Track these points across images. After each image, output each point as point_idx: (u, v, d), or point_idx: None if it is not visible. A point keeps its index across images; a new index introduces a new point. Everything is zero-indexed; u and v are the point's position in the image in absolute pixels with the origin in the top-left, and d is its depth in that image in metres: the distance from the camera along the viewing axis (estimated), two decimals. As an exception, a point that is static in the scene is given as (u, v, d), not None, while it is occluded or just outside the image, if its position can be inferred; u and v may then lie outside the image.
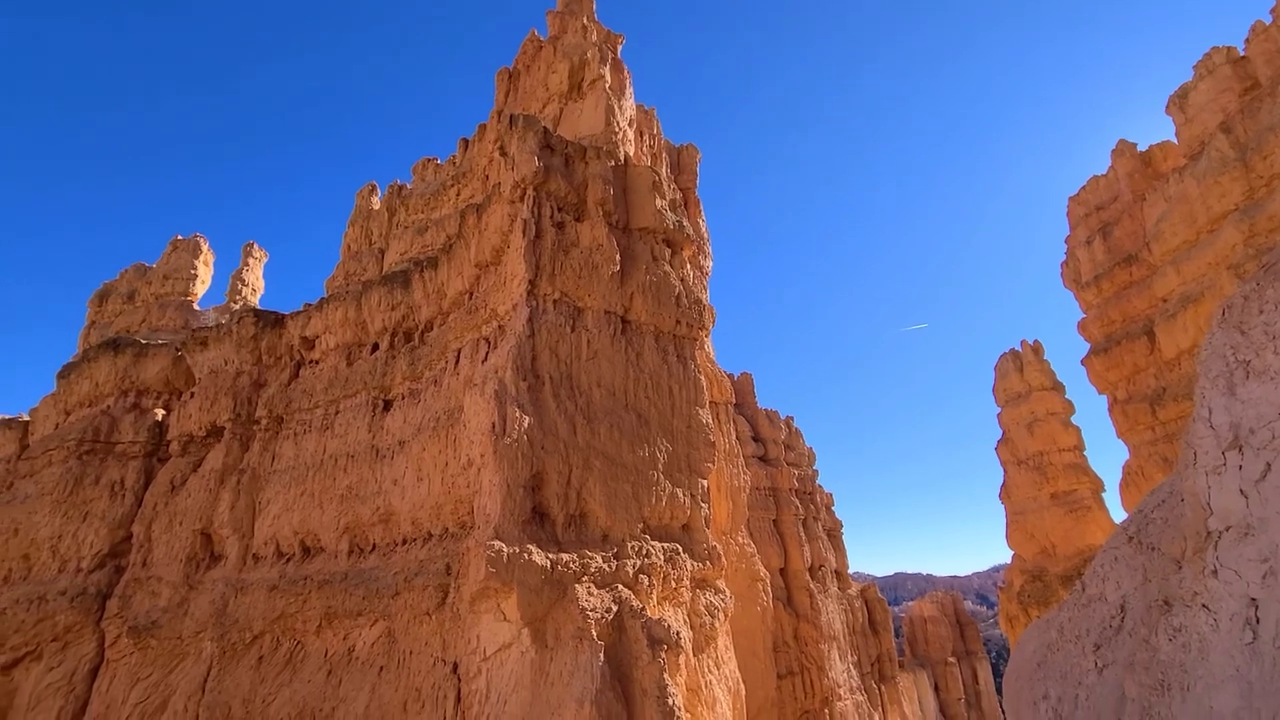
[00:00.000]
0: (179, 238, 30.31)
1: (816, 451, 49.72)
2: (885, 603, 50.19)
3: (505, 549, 10.93)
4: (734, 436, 26.11)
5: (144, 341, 24.68)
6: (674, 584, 13.28)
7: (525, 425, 12.27)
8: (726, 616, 14.84)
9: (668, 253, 16.55)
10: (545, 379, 13.29)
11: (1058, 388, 41.60)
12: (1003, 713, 56.18)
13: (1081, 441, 39.78)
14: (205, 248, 30.39)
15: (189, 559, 19.24)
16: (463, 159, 25.07)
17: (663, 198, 16.67)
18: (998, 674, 65.16)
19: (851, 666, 40.38)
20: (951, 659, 55.43)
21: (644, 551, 12.90)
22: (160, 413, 23.50)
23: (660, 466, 14.26)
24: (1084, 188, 39.36)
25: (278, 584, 17.18)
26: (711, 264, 26.07)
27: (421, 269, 18.97)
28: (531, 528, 11.79)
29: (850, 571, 48.30)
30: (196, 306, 29.36)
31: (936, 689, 53.08)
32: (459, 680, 12.03)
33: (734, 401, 27.69)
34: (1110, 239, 36.22)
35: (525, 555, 10.98)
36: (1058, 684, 5.04)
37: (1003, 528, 41.47)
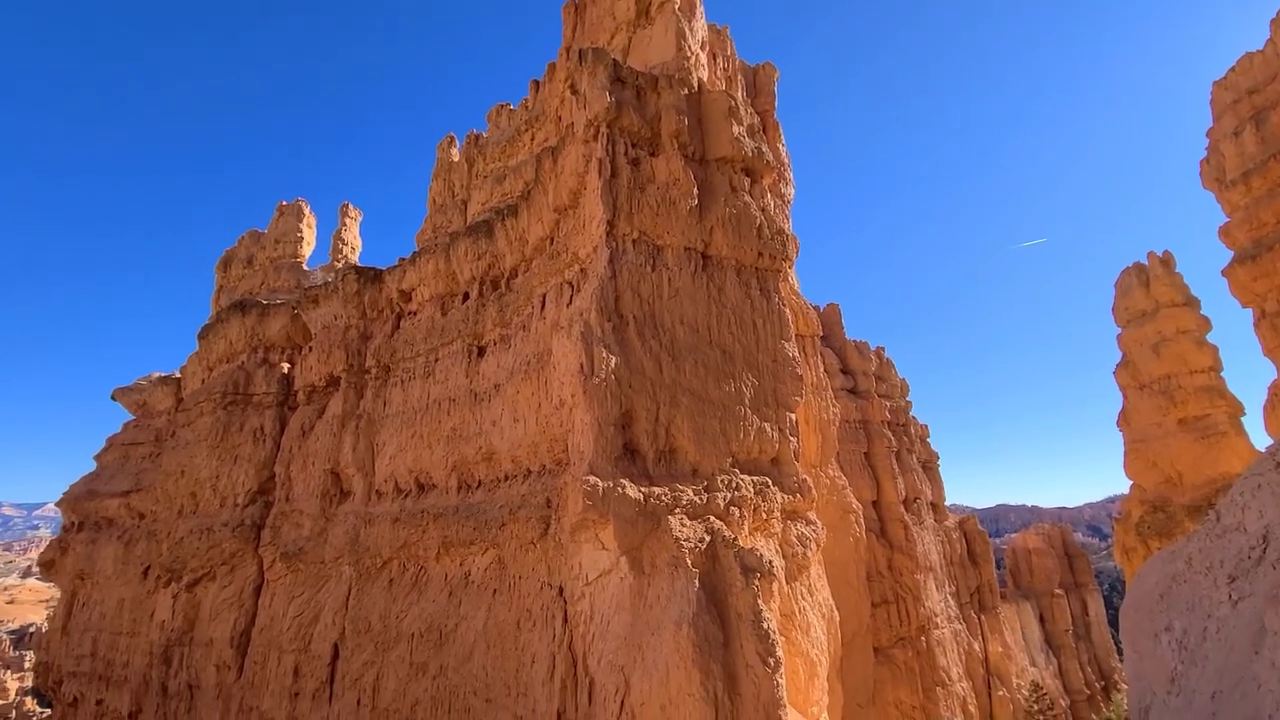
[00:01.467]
0: (283, 203, 32.45)
1: (911, 383, 47.85)
2: (985, 535, 48.75)
3: (600, 484, 11.46)
4: (821, 369, 25.53)
5: (265, 302, 27.06)
6: (765, 516, 13.48)
7: (612, 365, 12.56)
8: (818, 547, 14.97)
9: (747, 182, 15.95)
10: (629, 319, 13.44)
11: (1191, 303, 37.35)
12: (1115, 645, 54.06)
13: (1218, 361, 35.85)
14: (307, 211, 32.41)
15: (323, 495, 21.55)
16: (534, 102, 24.92)
17: (739, 124, 15.93)
18: (1110, 606, 62.40)
19: (949, 597, 39.92)
20: (1059, 590, 53.47)
21: (733, 485, 13.12)
22: (285, 366, 25.93)
23: (747, 401, 14.26)
24: (1233, 69, 33.79)
25: (399, 516, 18.93)
26: (793, 191, 24.89)
27: (503, 217, 19.38)
28: (623, 463, 12.25)
29: (948, 504, 47.02)
30: (305, 267, 31.65)
31: (1042, 620, 51.65)
32: (565, 602, 12.98)
33: (821, 334, 26.91)
34: (1265, 127, 31.19)
35: (619, 489, 11.47)
36: (1183, 616, 4.77)
37: (1119, 457, 38.68)
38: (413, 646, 17.01)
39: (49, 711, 33.72)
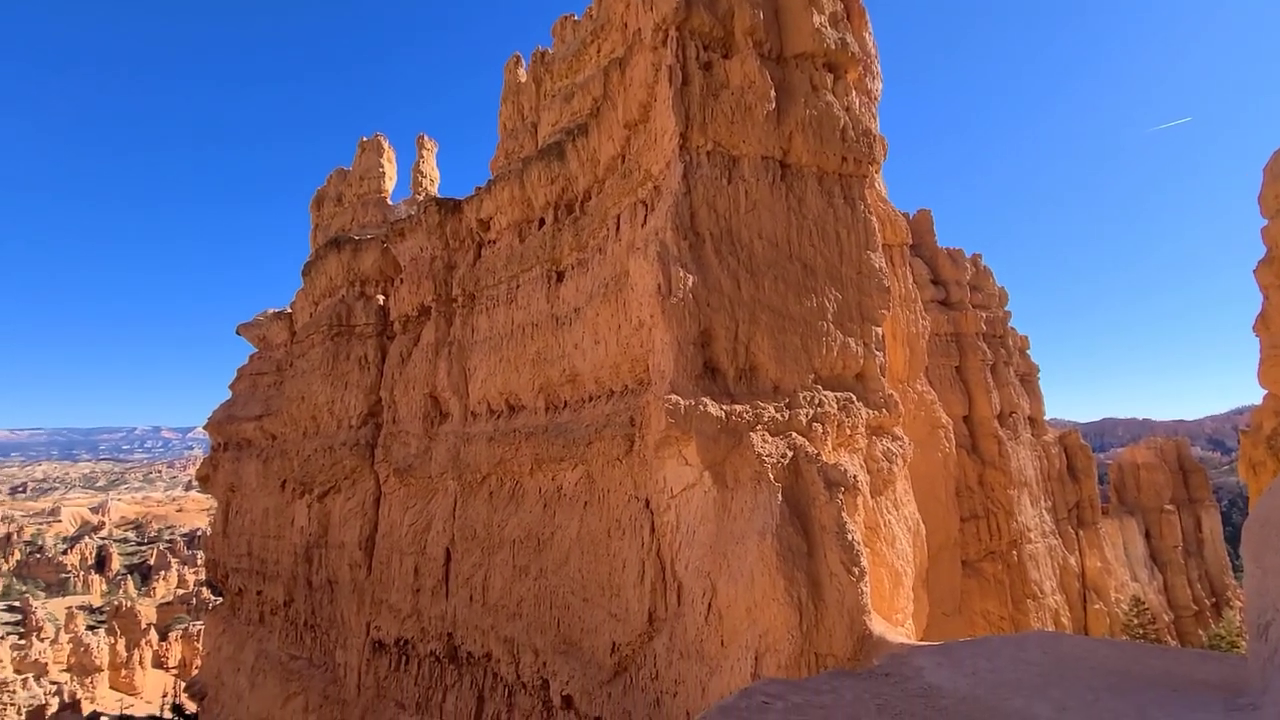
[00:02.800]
0: (364, 139, 33.33)
1: (1011, 291, 44.61)
2: (1088, 449, 46.26)
3: (681, 402, 11.69)
4: (910, 281, 24.22)
5: (356, 238, 28.47)
6: (849, 431, 13.37)
7: (689, 284, 12.47)
8: (905, 462, 14.77)
9: (829, 79, 14.76)
10: (705, 236, 13.16)
11: (1363, 186, 31.88)
12: (1233, 562, 50.97)
13: (1389, 255, 30.82)
14: (386, 146, 33.18)
15: (424, 417, 23.27)
16: (599, 9, 23.72)
17: (820, 13, 14.57)
18: (1228, 523, 58.43)
19: (1045, 512, 38.69)
20: (1169, 506, 50.51)
21: (816, 401, 13.01)
22: (380, 298, 27.53)
23: (829, 316, 13.86)
24: None
25: (493, 436, 20.23)
26: (881, 85, 22.77)
27: (573, 138, 19.06)
28: (704, 381, 12.38)
29: (1050, 418, 44.65)
30: (389, 201, 32.79)
31: (1148, 536, 49.30)
32: (651, 513, 13.66)
33: (910, 243, 25.31)
34: None
35: (700, 407, 11.66)
36: (1317, 530, 4.41)
37: (1252, 366, 34.88)
38: (514, 551, 18.58)
39: (221, 599, 39.85)
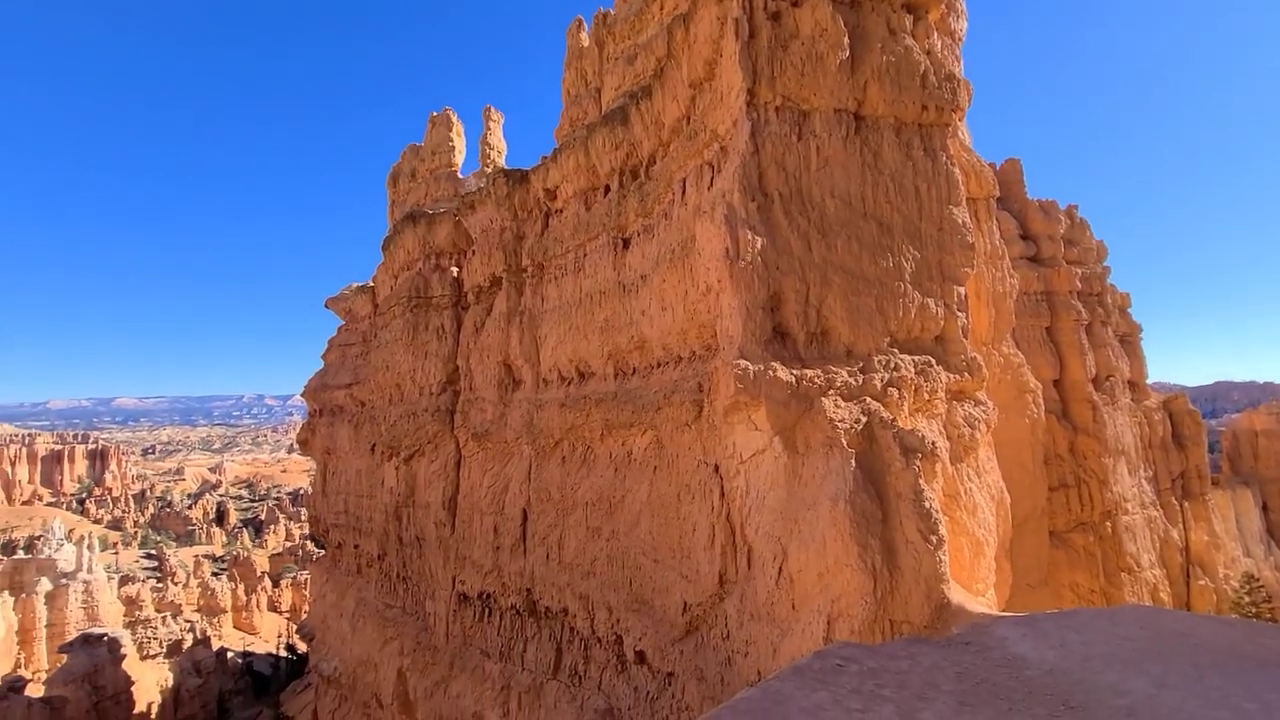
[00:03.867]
0: (434, 114, 34.13)
1: (1112, 246, 41.06)
2: (1197, 415, 42.57)
3: (750, 367, 11.57)
4: (997, 236, 22.71)
5: (430, 212, 29.43)
6: (927, 396, 12.88)
7: (758, 247, 12.19)
8: (988, 428, 14.12)
9: (908, 21, 13.80)
10: (774, 196, 12.78)
11: None
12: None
13: None
14: (455, 120, 33.85)
15: (499, 384, 24.13)
16: (661, -35, 22.99)
17: (900, -51, 13.56)
18: (1368, 496, 52.55)
19: (1144, 481, 36.12)
20: (1293, 477, 46.05)
21: (892, 365, 12.58)
22: (454, 270, 28.48)
23: (907, 276, 13.26)
24: None
25: (565, 402, 20.76)
26: (966, 24, 21.06)
27: (637, 101, 18.78)
28: (774, 346, 12.19)
29: (1155, 382, 41.28)
30: (459, 175, 33.60)
31: (1266, 509, 45.18)
32: (721, 478, 13.73)
33: (997, 195, 23.63)
34: None
35: (770, 372, 11.51)
36: None
37: None
38: (587, 513, 19.19)
39: (324, 552, 43.40)
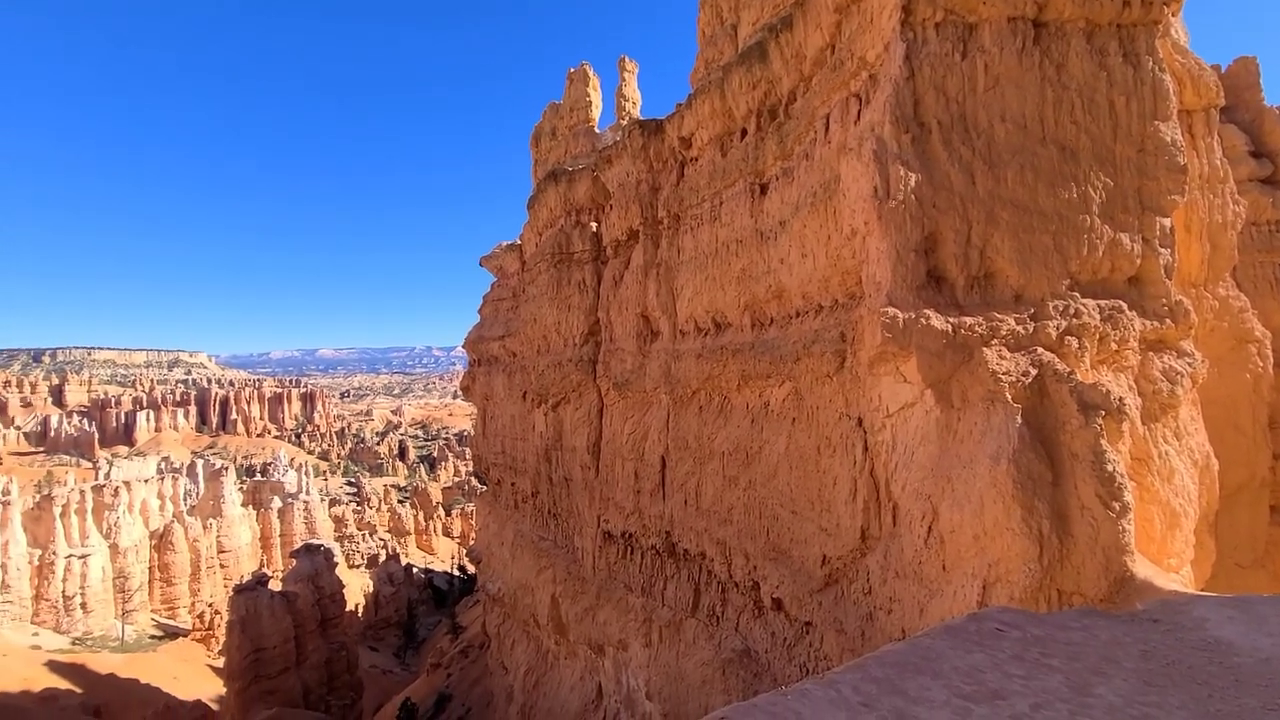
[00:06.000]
0: (571, 70, 34.67)
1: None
2: None
3: (899, 315, 10.82)
4: (1219, 154, 18.78)
5: (570, 169, 30.33)
6: (1114, 346, 11.28)
7: (912, 184, 11.17)
8: (1194, 383, 12.10)
9: (1111, -102, 11.50)
10: (931, 126, 11.56)
11: None
12: None
13: None
14: (591, 74, 34.16)
15: (637, 335, 24.80)
16: (803, -124, 21.03)
17: None
18: None
19: None
20: None
21: (1070, 311, 11.12)
22: (593, 225, 29.31)
23: (1094, 209, 11.50)
24: None
25: (701, 353, 20.89)
26: (1193, -111, 17.11)
27: (776, 34, 17.67)
28: (927, 292, 11.25)
29: None
30: (596, 130, 34.09)
31: None
32: (864, 432, 13.18)
33: (1221, 104, 19.37)
34: None
35: (922, 320, 10.70)
36: None
37: None
38: (724, 463, 19.44)
39: (485, 488, 48.29)
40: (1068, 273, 11.39)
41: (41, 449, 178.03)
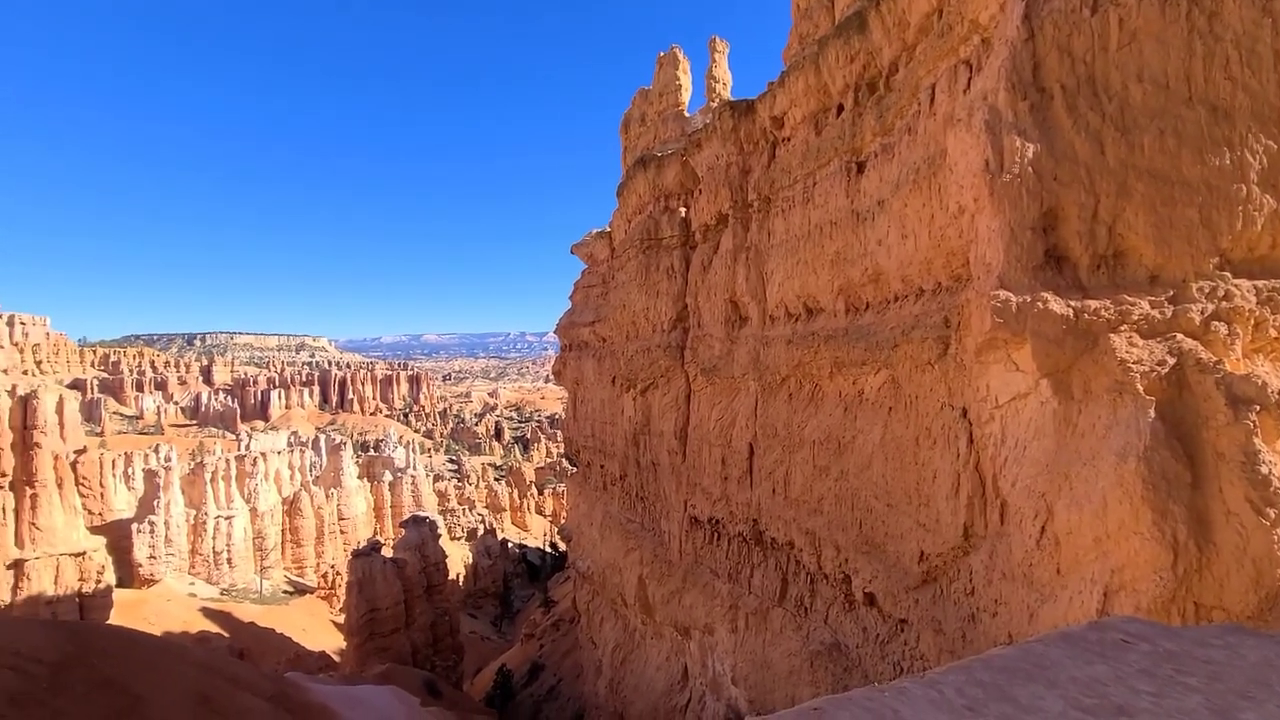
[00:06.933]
0: (661, 54, 34.49)
1: None
2: None
3: (1012, 298, 10.03)
4: None
5: (659, 154, 30.30)
6: (1273, 333, 9.91)
7: (1029, 155, 10.26)
8: (1380, 375, 10.40)
9: None
10: (1053, 91, 10.54)
11: None
12: None
13: None
14: (681, 57, 33.82)
15: (725, 321, 24.55)
16: None
17: None
18: None
19: None
20: None
21: (1219, 293, 9.86)
22: (682, 210, 29.18)
23: (1252, 176, 10.09)
24: None
25: (791, 339, 20.37)
26: None
27: (876, 1, 16.71)
28: (1045, 273, 10.34)
29: None
30: (686, 114, 33.78)
31: None
32: (969, 424, 12.39)
33: None
34: None
35: (1039, 304, 9.85)
36: None
37: None
38: (814, 451, 18.93)
39: (575, 469, 49.75)
40: (1217, 250, 10.09)
41: (194, 421, 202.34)
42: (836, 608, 18.13)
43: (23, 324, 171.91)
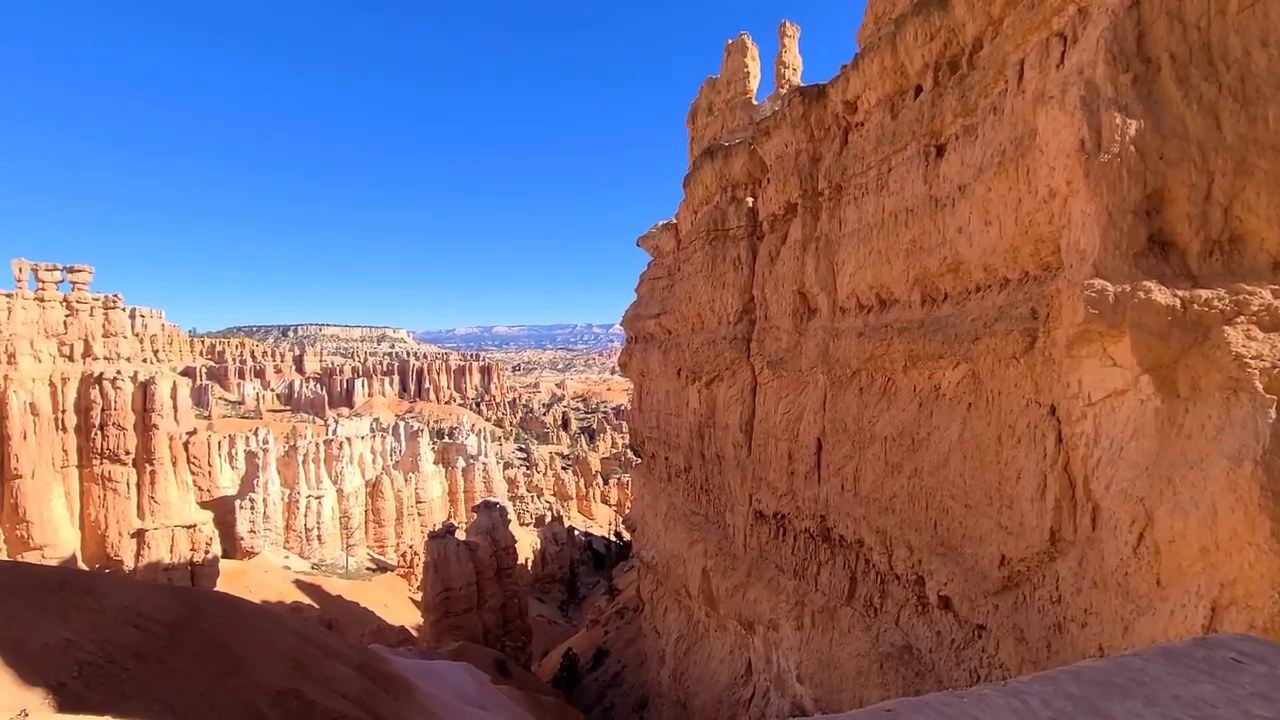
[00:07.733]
0: (729, 41, 33.96)
1: None
2: None
3: (1110, 288, 9.31)
4: None
5: (726, 144, 29.91)
6: None
7: (1131, 132, 9.46)
8: None
9: None
10: (1160, 62, 9.66)
11: None
12: None
13: None
14: (749, 43, 33.18)
15: (793, 313, 24.03)
16: None
17: None
18: None
19: None
20: None
21: (1359, 281, 8.80)
22: (749, 200, 28.72)
23: (1406, 148, 8.91)
24: None
25: (863, 331, 19.72)
26: None
27: (960, -25, 15.79)
28: (1147, 260, 9.53)
29: None
30: (754, 101, 33.15)
31: None
32: (1058, 422, 11.63)
33: None
34: None
35: (1140, 294, 9.10)
36: None
37: None
38: (886, 448, 18.29)
39: (640, 460, 50.13)
40: (1358, 232, 9.00)
41: (288, 407, 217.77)
42: (908, 610, 17.50)
43: (142, 317, 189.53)
